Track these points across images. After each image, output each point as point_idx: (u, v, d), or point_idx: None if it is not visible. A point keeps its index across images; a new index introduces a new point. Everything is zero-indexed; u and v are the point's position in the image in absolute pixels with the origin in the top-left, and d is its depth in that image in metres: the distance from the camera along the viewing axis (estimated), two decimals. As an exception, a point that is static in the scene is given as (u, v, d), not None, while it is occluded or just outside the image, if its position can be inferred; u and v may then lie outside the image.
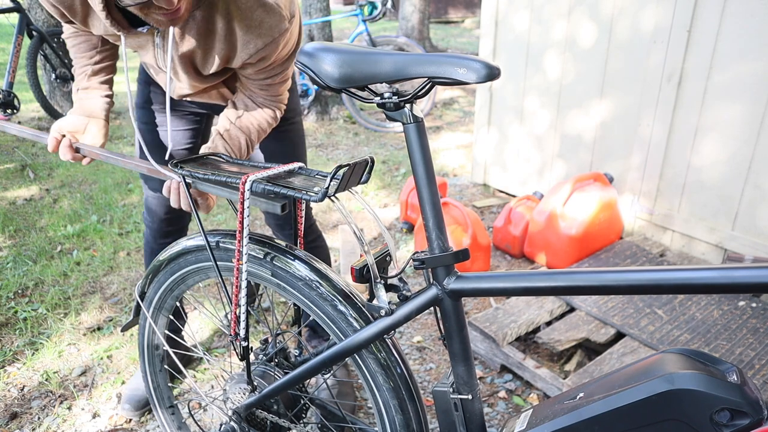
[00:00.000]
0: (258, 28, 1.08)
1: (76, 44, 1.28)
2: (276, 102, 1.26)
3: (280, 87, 1.24)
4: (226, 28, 1.08)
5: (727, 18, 2.08)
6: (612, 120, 2.57)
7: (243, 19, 1.07)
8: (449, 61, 0.73)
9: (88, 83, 1.28)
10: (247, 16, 1.06)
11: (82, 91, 1.28)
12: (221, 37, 1.09)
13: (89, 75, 1.28)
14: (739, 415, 0.66)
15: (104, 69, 1.30)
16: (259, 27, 1.08)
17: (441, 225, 0.84)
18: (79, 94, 1.28)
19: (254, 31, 1.08)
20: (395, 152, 4.10)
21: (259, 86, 1.21)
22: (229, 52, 1.12)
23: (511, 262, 2.56)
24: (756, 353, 1.72)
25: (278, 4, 1.08)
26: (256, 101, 1.24)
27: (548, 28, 2.76)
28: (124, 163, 1.14)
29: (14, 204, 3.07)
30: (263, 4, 1.07)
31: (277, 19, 1.08)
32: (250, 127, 1.23)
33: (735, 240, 2.22)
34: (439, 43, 9.07)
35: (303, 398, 1.15)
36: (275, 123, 1.28)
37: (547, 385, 1.68)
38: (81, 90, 1.28)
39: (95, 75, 1.29)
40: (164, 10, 0.96)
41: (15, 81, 3.99)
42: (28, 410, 1.68)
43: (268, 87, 1.22)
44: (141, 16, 0.98)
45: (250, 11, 1.06)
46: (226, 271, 1.08)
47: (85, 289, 2.29)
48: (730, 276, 0.65)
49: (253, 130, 1.24)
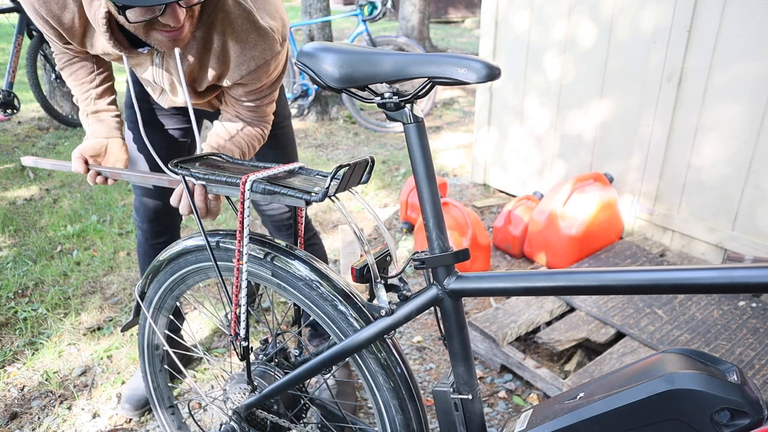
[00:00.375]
0: (252, 50, 1.10)
1: (73, 72, 1.28)
2: (262, 122, 1.28)
3: (267, 108, 1.26)
4: (221, 48, 1.10)
5: (727, 18, 2.08)
6: (612, 120, 2.57)
7: (238, 41, 1.09)
8: (449, 61, 0.73)
9: (95, 107, 1.29)
10: (242, 38, 1.08)
11: (92, 115, 1.29)
12: (216, 56, 1.11)
13: (94, 99, 1.29)
14: (740, 415, 0.66)
15: (107, 91, 1.31)
16: (252, 49, 1.10)
17: (441, 225, 0.84)
18: (89, 118, 1.29)
19: (248, 53, 1.10)
20: (395, 152, 4.10)
21: (247, 108, 1.23)
22: (222, 71, 1.13)
23: (511, 262, 2.56)
24: (756, 353, 1.72)
25: (272, 28, 1.10)
26: (244, 120, 1.25)
27: (548, 28, 2.76)
28: (145, 179, 1.13)
29: (14, 204, 3.07)
30: (258, 28, 1.08)
31: (270, 43, 1.10)
32: (241, 142, 1.25)
33: (735, 240, 2.22)
34: (439, 43, 9.07)
35: (303, 398, 1.15)
36: (264, 140, 1.30)
37: (547, 385, 1.68)
38: (90, 114, 1.29)
39: (100, 98, 1.30)
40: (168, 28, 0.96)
41: (15, 81, 3.99)
42: (28, 410, 1.68)
43: (256, 108, 1.24)
44: (142, 36, 0.98)
45: (245, 33, 1.08)
46: (226, 271, 1.08)
47: (85, 289, 2.29)
48: (730, 276, 0.65)
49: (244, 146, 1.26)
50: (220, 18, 1.06)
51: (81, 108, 1.30)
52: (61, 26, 1.09)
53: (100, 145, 1.25)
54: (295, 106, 4.85)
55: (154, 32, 0.97)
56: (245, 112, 1.24)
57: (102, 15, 0.97)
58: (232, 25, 1.07)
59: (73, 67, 1.27)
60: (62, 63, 1.27)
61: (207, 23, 1.07)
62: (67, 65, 1.27)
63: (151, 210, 1.54)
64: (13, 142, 4.07)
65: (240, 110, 1.24)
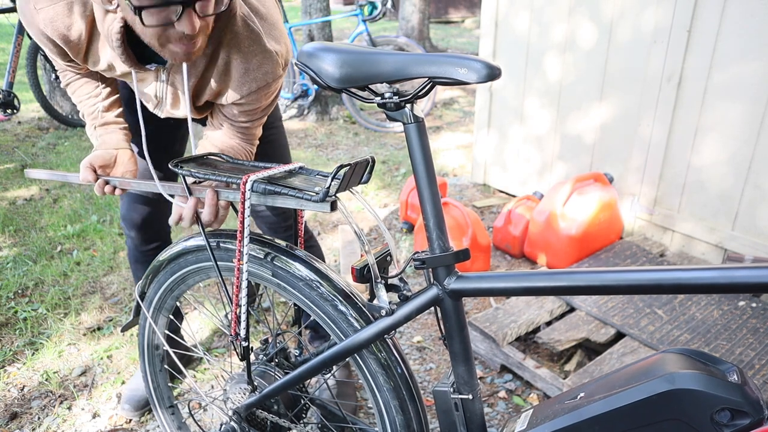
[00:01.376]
0: (255, 71, 1.11)
1: (78, 87, 1.28)
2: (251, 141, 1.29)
3: (256, 130, 1.27)
4: (224, 66, 1.11)
5: (727, 18, 2.08)
6: (612, 120, 2.57)
7: (243, 61, 1.10)
8: (450, 61, 0.73)
9: (103, 119, 1.28)
10: (247, 59, 1.10)
11: (100, 128, 1.28)
12: (219, 72, 1.11)
13: (102, 112, 1.28)
14: (740, 415, 0.66)
15: (114, 104, 1.31)
16: (256, 71, 1.11)
17: (441, 225, 0.84)
18: (98, 131, 1.28)
19: (251, 75, 1.11)
20: (395, 152, 4.10)
21: (238, 128, 1.23)
22: (221, 89, 1.14)
23: (511, 262, 2.56)
24: (756, 353, 1.72)
25: (277, 52, 1.11)
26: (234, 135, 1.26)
27: (548, 28, 2.76)
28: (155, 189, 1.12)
29: (14, 204, 3.07)
30: (264, 51, 1.10)
31: (273, 66, 1.11)
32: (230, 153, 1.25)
33: (735, 240, 2.22)
34: (439, 44, 9.07)
35: (303, 398, 1.15)
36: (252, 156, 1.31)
37: (547, 385, 1.68)
38: (99, 127, 1.28)
39: (107, 111, 1.29)
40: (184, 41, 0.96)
41: (15, 81, 3.99)
42: (28, 410, 1.68)
43: (245, 130, 1.24)
44: (157, 49, 0.98)
45: (251, 55, 1.10)
46: (226, 271, 1.08)
47: (85, 289, 2.29)
48: (730, 276, 0.65)
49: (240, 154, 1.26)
50: (228, 37, 1.07)
51: (88, 122, 1.29)
52: (67, 44, 1.08)
53: (110, 156, 1.24)
54: (295, 106, 4.85)
55: (169, 45, 0.97)
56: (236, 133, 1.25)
57: (116, 30, 0.98)
58: (238, 45, 1.08)
59: (79, 83, 1.27)
60: (67, 80, 1.27)
61: (216, 41, 1.08)
62: (72, 80, 1.27)
63: (139, 217, 1.53)
64: (13, 142, 4.07)
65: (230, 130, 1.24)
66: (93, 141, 1.28)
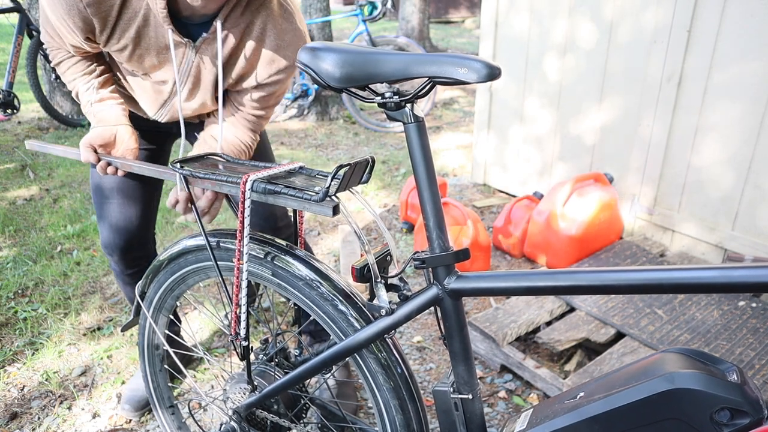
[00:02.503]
0: (286, 49, 1.16)
1: (71, 65, 1.23)
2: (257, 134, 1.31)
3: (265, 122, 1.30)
4: (256, 42, 1.15)
5: (727, 18, 2.08)
6: (612, 120, 2.58)
7: (276, 37, 1.15)
8: (450, 61, 0.73)
9: (99, 95, 1.24)
10: (280, 36, 1.15)
11: (96, 103, 1.24)
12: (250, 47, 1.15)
13: (97, 88, 1.25)
14: (740, 415, 0.66)
15: (108, 80, 1.28)
16: (287, 48, 1.16)
17: (441, 224, 0.84)
18: (94, 107, 1.24)
19: (282, 52, 1.16)
20: (395, 152, 4.10)
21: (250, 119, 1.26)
22: (251, 65, 1.18)
23: (511, 262, 2.56)
24: (756, 353, 1.72)
25: (304, 32, 1.18)
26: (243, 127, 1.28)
27: (548, 28, 2.76)
28: (158, 173, 1.11)
29: (14, 204, 3.07)
30: (295, 29, 1.16)
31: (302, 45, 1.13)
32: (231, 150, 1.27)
33: (735, 240, 2.22)
34: (439, 44, 9.07)
35: (303, 398, 1.15)
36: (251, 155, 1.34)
37: (547, 385, 1.68)
38: (95, 103, 1.24)
39: (103, 87, 1.26)
40: None
41: (15, 81, 3.99)
42: (28, 410, 1.68)
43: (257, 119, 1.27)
44: None
45: (283, 33, 1.15)
46: (226, 270, 1.08)
47: (85, 289, 2.29)
48: (730, 276, 0.65)
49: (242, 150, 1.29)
50: (263, 14, 1.12)
51: (83, 100, 1.25)
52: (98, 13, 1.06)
53: (109, 134, 1.21)
54: (295, 106, 4.85)
55: None
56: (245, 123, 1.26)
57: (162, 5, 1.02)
58: (274, 20, 1.13)
59: (71, 60, 1.23)
60: (59, 58, 1.23)
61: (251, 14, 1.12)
62: (65, 58, 1.23)
63: (121, 242, 1.48)
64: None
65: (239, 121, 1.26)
66: (90, 119, 1.25)
